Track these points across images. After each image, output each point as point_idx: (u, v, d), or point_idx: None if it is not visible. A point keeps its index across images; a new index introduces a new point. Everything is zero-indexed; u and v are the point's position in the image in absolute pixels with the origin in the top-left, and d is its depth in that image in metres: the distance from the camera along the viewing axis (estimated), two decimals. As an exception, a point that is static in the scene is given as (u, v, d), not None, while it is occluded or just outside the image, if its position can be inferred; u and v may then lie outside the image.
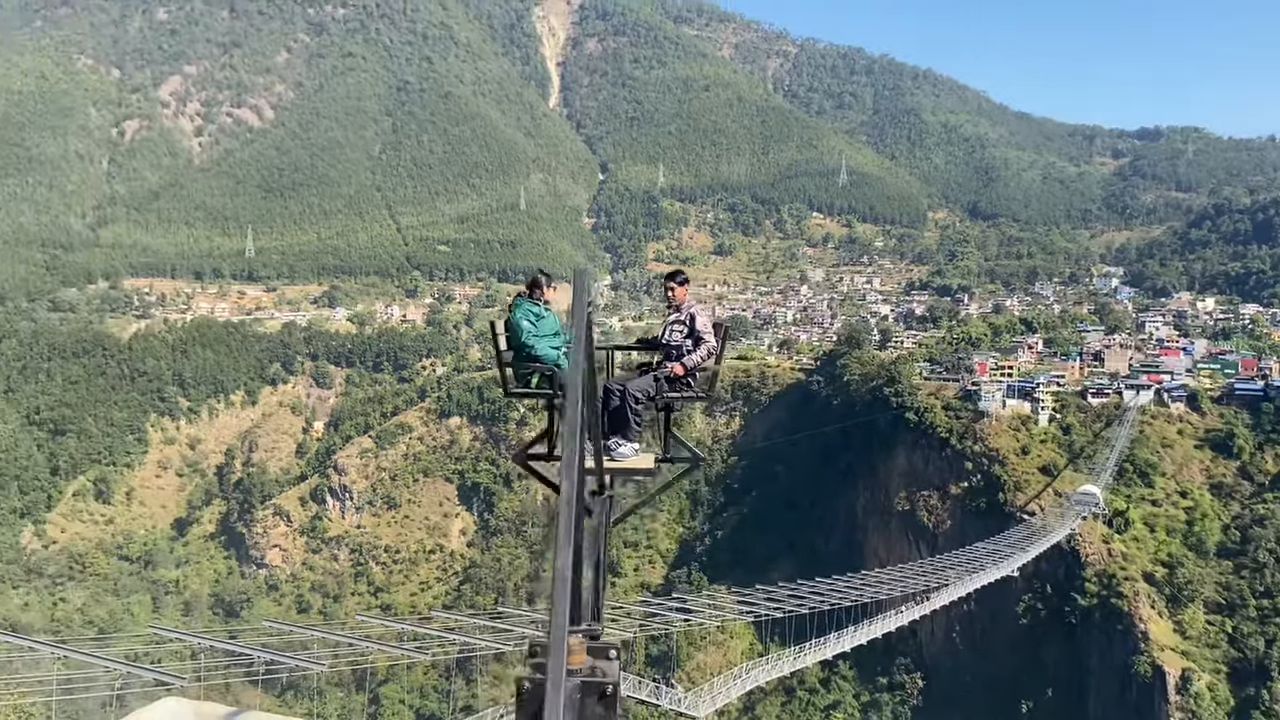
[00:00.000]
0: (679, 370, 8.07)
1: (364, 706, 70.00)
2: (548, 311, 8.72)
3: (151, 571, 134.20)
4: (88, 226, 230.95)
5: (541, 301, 8.78)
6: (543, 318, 8.62)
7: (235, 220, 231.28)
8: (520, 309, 8.64)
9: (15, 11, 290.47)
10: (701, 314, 8.51)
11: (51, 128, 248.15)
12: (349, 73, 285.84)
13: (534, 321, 8.55)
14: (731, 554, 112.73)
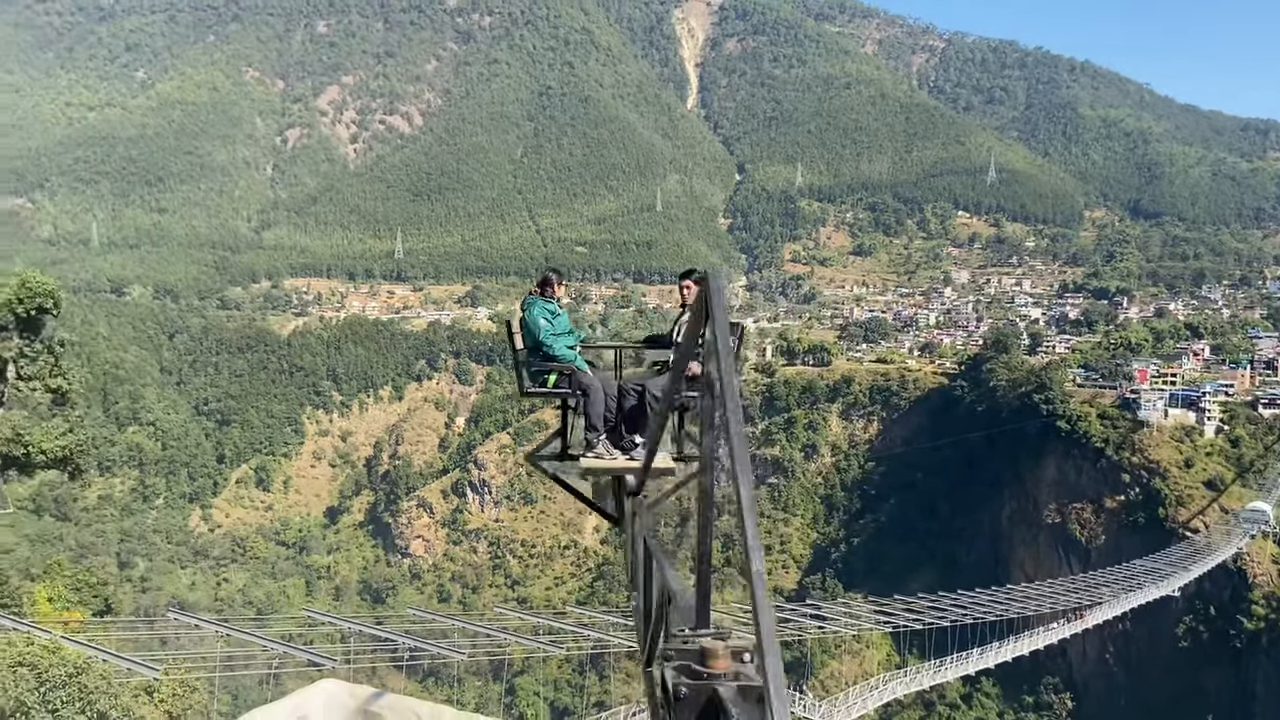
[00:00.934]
0: (698, 370, 7.80)
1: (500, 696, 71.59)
2: (561, 310, 8.62)
3: (305, 557, 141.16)
4: (252, 230, 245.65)
5: (554, 299, 8.60)
6: (558, 315, 8.49)
7: (386, 223, 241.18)
8: (536, 307, 8.42)
9: (190, 28, 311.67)
10: None
11: (222, 137, 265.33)
12: (494, 79, 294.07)
13: (550, 320, 8.37)
14: (868, 561, 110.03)
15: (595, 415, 7.89)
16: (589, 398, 7.91)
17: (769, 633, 2.85)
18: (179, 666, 30.64)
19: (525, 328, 8.25)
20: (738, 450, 3.36)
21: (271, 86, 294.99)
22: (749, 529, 3.06)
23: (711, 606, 4.05)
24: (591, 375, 8.22)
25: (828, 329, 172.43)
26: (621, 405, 8.01)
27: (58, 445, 36.78)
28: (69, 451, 37.82)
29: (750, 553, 3.02)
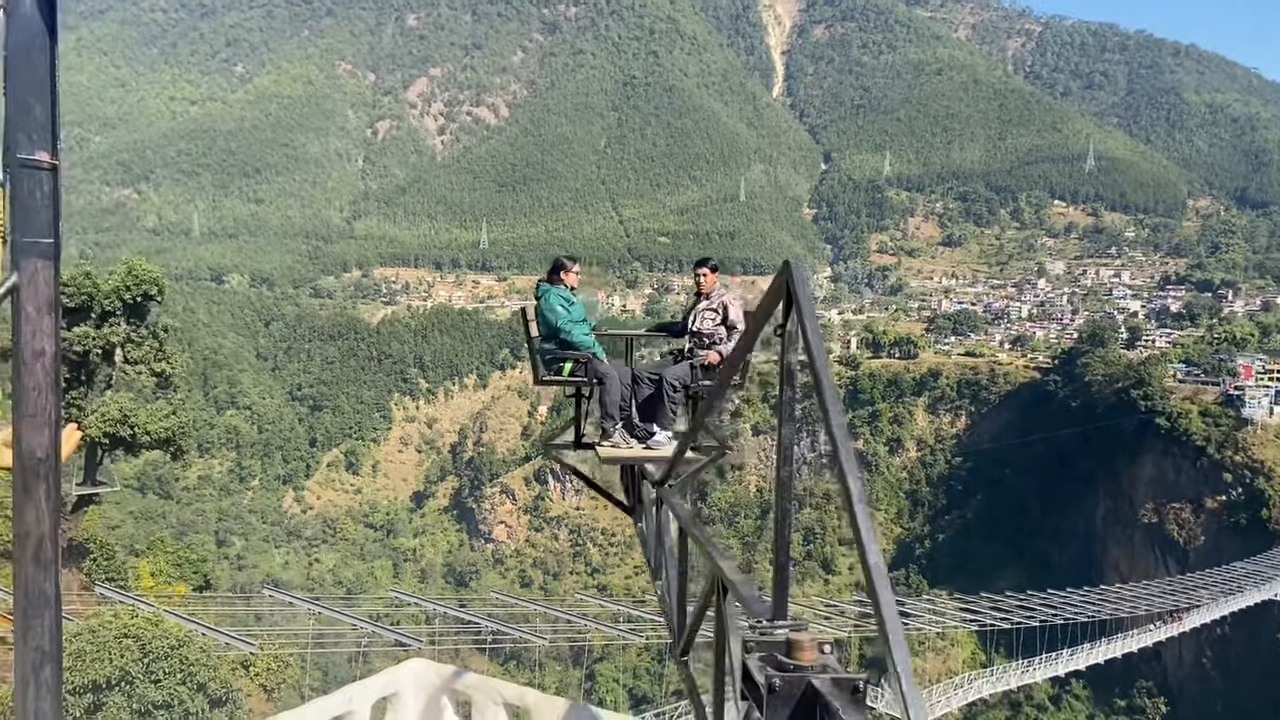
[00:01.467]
0: (715, 359, 8.01)
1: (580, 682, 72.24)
2: (576, 298, 8.41)
3: (392, 539, 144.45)
4: (344, 220, 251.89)
5: (568, 287, 8.37)
6: (573, 303, 8.28)
7: (471, 213, 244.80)
8: (552, 295, 8.20)
9: (286, 22, 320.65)
10: (734, 303, 8.38)
11: (315, 129, 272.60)
12: (579, 69, 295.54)
13: (566, 307, 8.16)
14: (954, 558, 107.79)
15: (611, 404, 7.72)
16: (605, 386, 7.74)
17: (895, 627, 2.74)
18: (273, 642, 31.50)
19: (541, 315, 8.09)
20: (841, 443, 3.23)
21: (363, 79, 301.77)
22: (862, 522, 2.97)
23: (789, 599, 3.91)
24: (608, 363, 8.04)
25: (914, 321, 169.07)
26: (636, 394, 7.89)
27: (162, 427, 38.12)
28: (172, 433, 39.18)
29: (865, 546, 2.92)
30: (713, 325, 8.15)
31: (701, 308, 8.31)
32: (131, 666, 21.38)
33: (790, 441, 3.84)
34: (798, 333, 3.77)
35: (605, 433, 7.68)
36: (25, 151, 6.73)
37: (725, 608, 4.40)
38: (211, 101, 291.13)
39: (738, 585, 4.33)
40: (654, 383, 7.87)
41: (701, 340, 8.13)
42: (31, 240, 6.87)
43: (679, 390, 7.83)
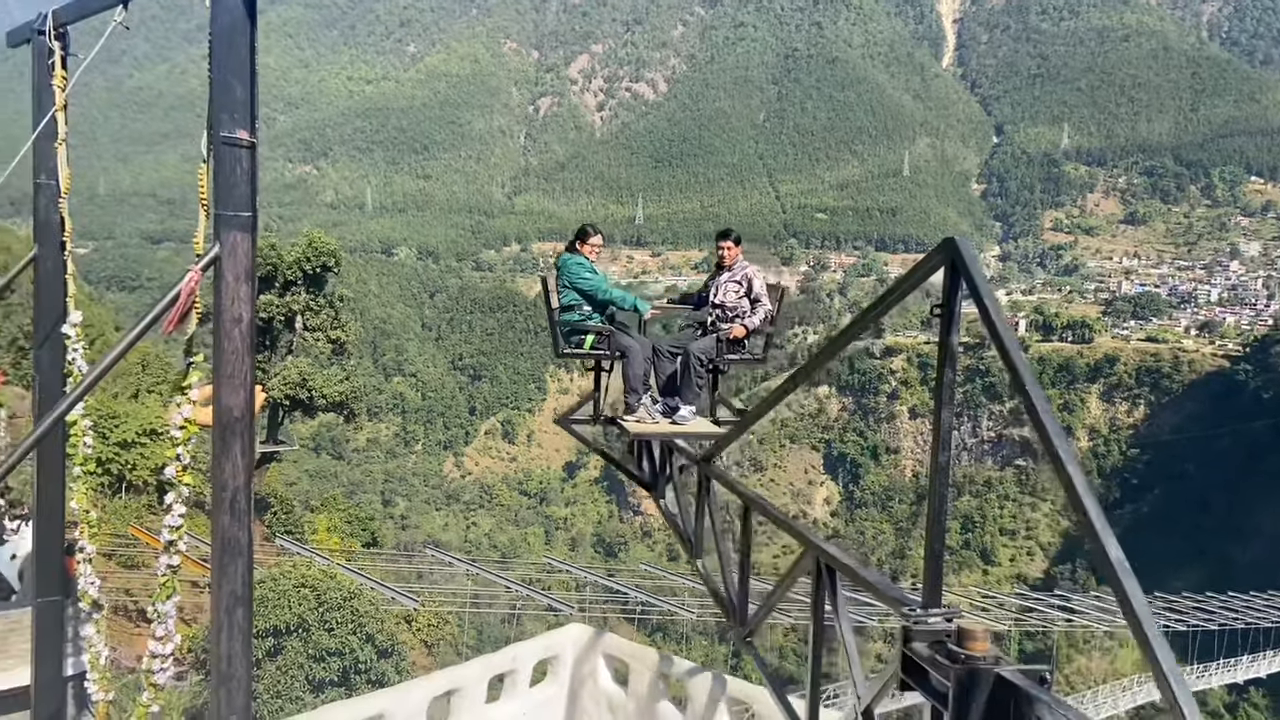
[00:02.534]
0: (740, 332, 7.70)
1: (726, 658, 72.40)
2: (597, 270, 8.07)
3: (545, 507, 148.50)
4: (505, 195, 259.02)
5: (587, 257, 8.02)
6: (595, 272, 7.96)
7: (628, 189, 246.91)
8: (574, 263, 7.87)
9: (456, 2, 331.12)
10: (758, 276, 8.10)
11: (481, 106, 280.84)
12: (739, 43, 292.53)
13: (592, 275, 7.85)
14: (1126, 554, 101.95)
15: (635, 378, 7.46)
16: (628, 359, 7.48)
17: (1149, 622, 2.70)
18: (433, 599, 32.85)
19: (564, 285, 7.77)
20: (1053, 431, 3.05)
21: (527, 57, 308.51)
22: (1092, 513, 2.82)
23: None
24: (631, 336, 7.76)
25: (1090, 304, 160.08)
26: (657, 368, 7.64)
27: (337, 390, 40.30)
28: (345, 397, 41.38)
29: (1102, 539, 2.81)
30: (736, 298, 7.90)
31: (724, 280, 8.03)
32: (308, 614, 22.85)
33: (949, 426, 3.68)
34: (957, 313, 3.60)
35: (629, 407, 7.43)
36: (227, 130, 7.17)
37: (838, 591, 4.36)
38: (385, 81, 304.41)
39: (855, 567, 4.22)
40: (674, 356, 7.66)
41: (724, 313, 7.88)
42: (232, 214, 7.33)
43: (705, 364, 7.62)
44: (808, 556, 4.54)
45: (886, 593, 4.07)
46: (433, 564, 42.93)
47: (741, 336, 7.69)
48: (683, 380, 7.47)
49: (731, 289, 7.87)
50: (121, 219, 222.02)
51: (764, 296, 7.88)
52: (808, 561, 4.59)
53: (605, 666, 7.18)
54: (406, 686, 6.55)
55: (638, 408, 7.36)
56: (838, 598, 4.40)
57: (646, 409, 7.37)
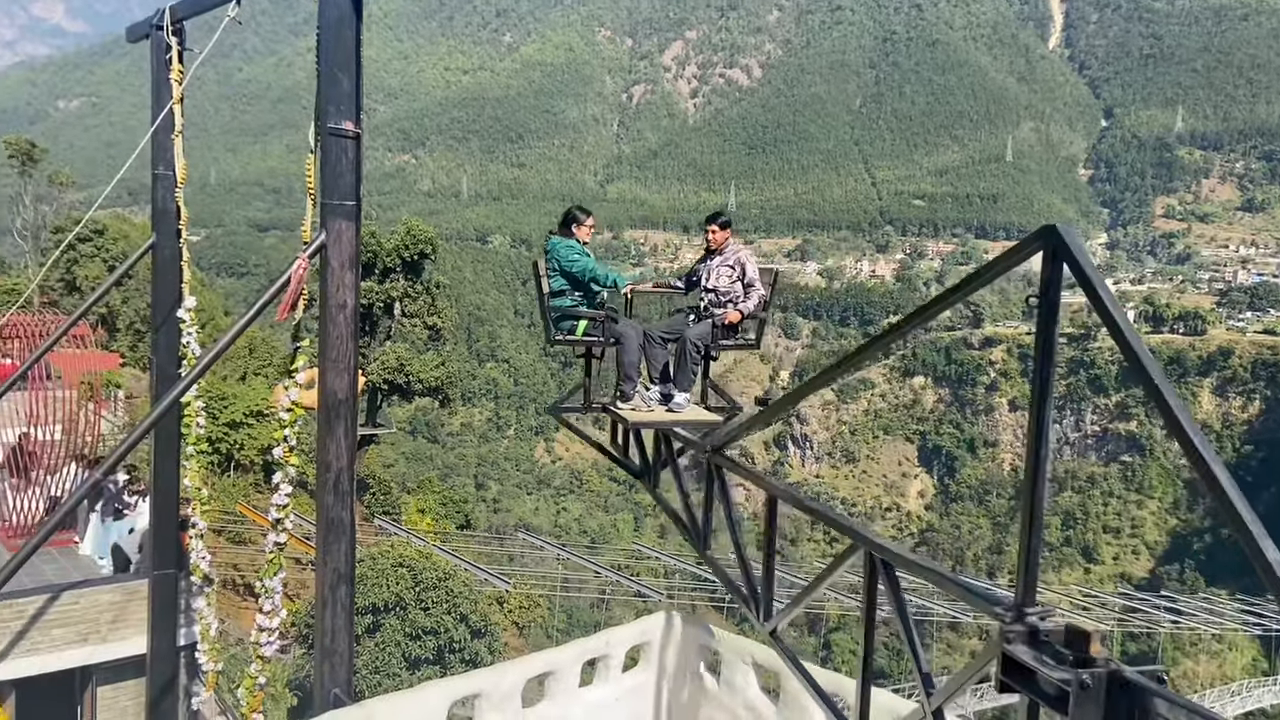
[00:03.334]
0: (736, 317, 7.45)
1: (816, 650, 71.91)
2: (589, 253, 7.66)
3: (634, 494, 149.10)
4: (598, 183, 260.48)
5: (580, 242, 7.61)
6: (588, 255, 7.57)
7: (720, 176, 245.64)
8: (563, 246, 7.45)
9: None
10: (750, 260, 7.77)
11: (575, 95, 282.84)
12: (835, 26, 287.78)
13: (583, 257, 7.44)
14: (1238, 556, 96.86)
15: (630, 365, 7.17)
16: (623, 345, 7.18)
17: None
18: (524, 582, 33.37)
19: (555, 269, 7.36)
20: (1189, 428, 2.88)
21: (621, 45, 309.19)
22: (1243, 512, 2.68)
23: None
24: (626, 322, 7.49)
25: (1204, 294, 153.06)
26: (649, 354, 7.37)
27: (433, 375, 41.18)
28: (441, 381, 42.27)
29: (1257, 540, 2.66)
30: (729, 282, 7.62)
31: (715, 264, 7.73)
32: (405, 593, 23.47)
33: (1047, 419, 3.52)
34: (1057, 303, 3.45)
35: (624, 395, 7.17)
36: (333, 121, 7.38)
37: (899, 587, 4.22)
38: (481, 71, 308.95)
39: (933, 567, 4.08)
40: (666, 342, 7.40)
41: (718, 298, 7.61)
42: (337, 202, 7.54)
43: (702, 350, 7.36)
44: (857, 552, 4.41)
45: (973, 590, 3.94)
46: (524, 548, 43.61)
47: (736, 321, 7.48)
48: (678, 366, 7.26)
49: (724, 273, 7.62)
50: (231, 207, 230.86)
51: (757, 281, 7.65)
52: (855, 556, 4.47)
53: (698, 655, 7.18)
54: (502, 668, 6.65)
55: (633, 395, 7.17)
56: (898, 594, 4.28)
57: (642, 397, 7.19)
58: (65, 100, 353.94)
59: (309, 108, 7.66)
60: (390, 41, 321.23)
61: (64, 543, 15.65)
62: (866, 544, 4.35)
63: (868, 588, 4.33)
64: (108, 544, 14.82)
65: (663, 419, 6.98)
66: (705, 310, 7.55)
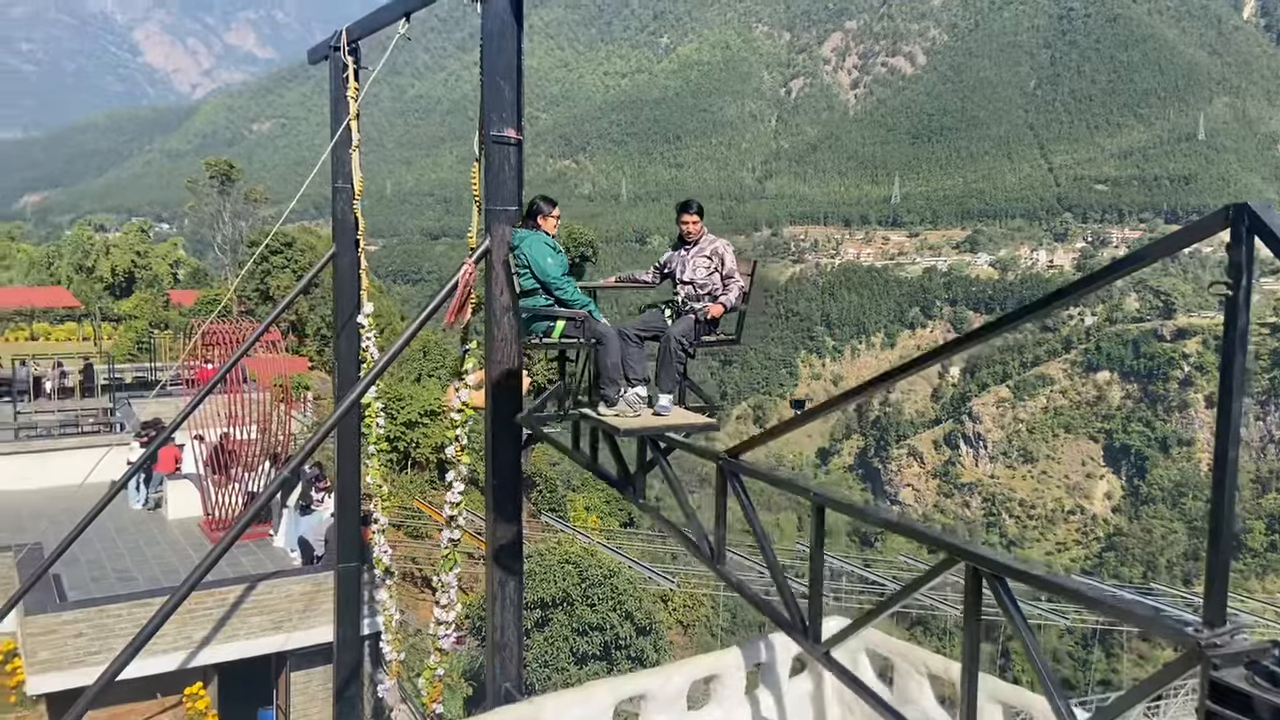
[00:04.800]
0: (719, 311, 6.94)
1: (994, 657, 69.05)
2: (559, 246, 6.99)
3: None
4: (756, 179, 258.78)
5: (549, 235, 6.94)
6: (559, 251, 6.92)
7: (883, 167, 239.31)
8: (533, 241, 6.78)
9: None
10: (729, 250, 7.23)
11: (732, 92, 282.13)
12: (1006, 7, 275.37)
13: (556, 257, 6.80)
14: None
15: (614, 367, 6.55)
16: (605, 347, 6.59)
17: None
18: (688, 581, 33.44)
19: (524, 268, 6.74)
20: None
21: (778, 39, 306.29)
22: None
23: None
24: (606, 322, 6.89)
25: None
26: (625, 355, 6.73)
27: (596, 375, 41.89)
28: (604, 381, 42.89)
29: None
30: (706, 274, 7.06)
31: (691, 255, 7.16)
32: (571, 589, 23.96)
33: (1238, 417, 3.20)
34: (1248, 289, 3.08)
35: (606, 399, 6.56)
36: (496, 129, 7.59)
37: (1013, 601, 3.85)
38: (639, 74, 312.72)
39: (1035, 578, 3.71)
40: (643, 340, 6.83)
41: (695, 291, 7.04)
42: (500, 208, 7.74)
43: (686, 348, 6.82)
44: (956, 565, 4.01)
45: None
46: (687, 545, 43.62)
47: (719, 316, 7.01)
48: (661, 366, 6.72)
49: (701, 265, 7.09)
50: (405, 217, 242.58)
51: (737, 273, 7.17)
52: (949, 570, 4.08)
53: (867, 661, 6.95)
54: (668, 669, 6.63)
55: (618, 400, 6.54)
56: (1015, 608, 3.89)
57: (627, 401, 6.56)
58: (258, 123, 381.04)
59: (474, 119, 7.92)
60: (551, 50, 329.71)
61: (260, 535, 16.78)
62: (967, 556, 4.00)
63: (969, 603, 3.97)
64: (296, 537, 15.78)
65: (651, 424, 6.45)
66: (684, 304, 7.01)
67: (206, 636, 13.27)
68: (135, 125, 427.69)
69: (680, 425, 6.58)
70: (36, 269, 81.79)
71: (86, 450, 20.94)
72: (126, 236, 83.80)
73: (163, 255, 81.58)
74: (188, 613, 12.74)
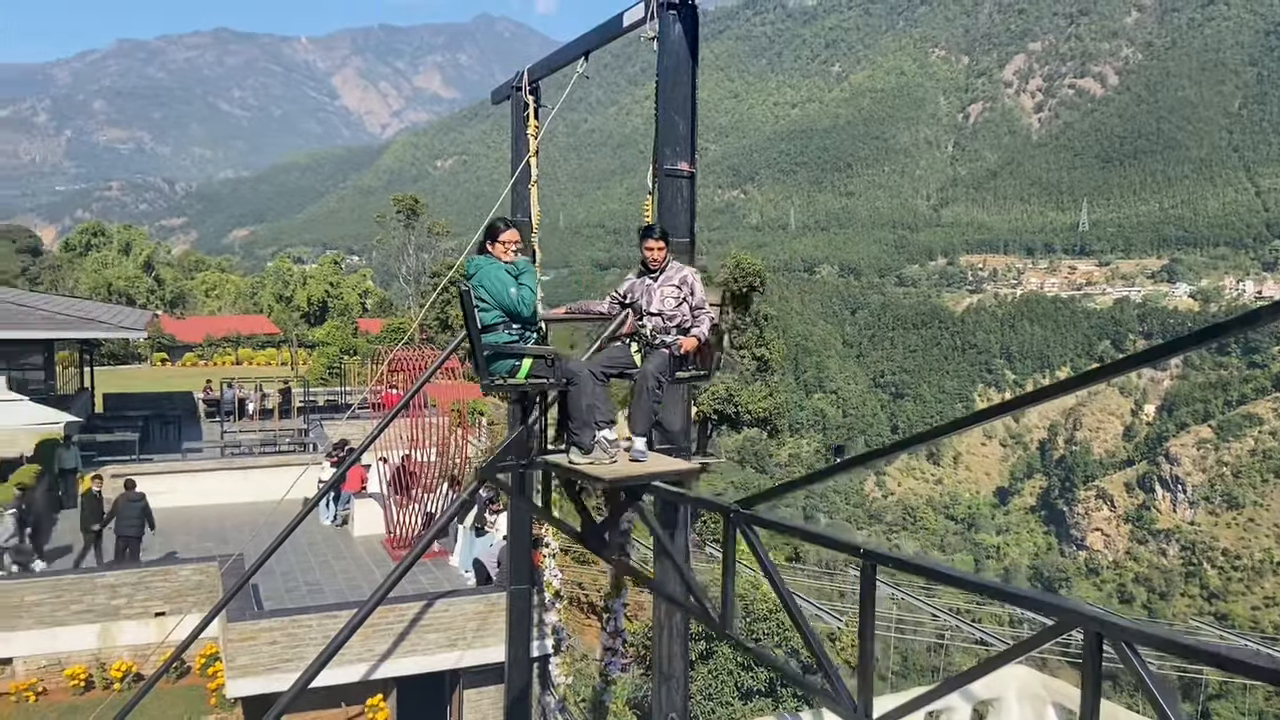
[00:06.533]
0: (692, 345, 6.34)
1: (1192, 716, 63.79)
2: (523, 269, 6.09)
3: (973, 534, 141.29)
4: (931, 208, 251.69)
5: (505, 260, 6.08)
6: (521, 275, 6.02)
7: (1070, 193, 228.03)
8: (488, 269, 5.94)
9: (882, 18, 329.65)
10: (698, 279, 6.58)
11: (906, 119, 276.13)
12: (1207, 24, 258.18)
13: (516, 284, 5.98)
14: None
15: (589, 409, 5.89)
16: (578, 388, 5.94)
17: None
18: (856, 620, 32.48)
19: (484, 302, 5.94)
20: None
21: (956, 64, 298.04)
22: None
23: None
24: (577, 360, 6.23)
25: None
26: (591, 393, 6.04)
27: (761, 406, 41.68)
28: (769, 413, 42.66)
29: None
30: (675, 305, 6.41)
31: (657, 285, 6.47)
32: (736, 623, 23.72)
33: None
34: None
35: (580, 446, 5.89)
36: (670, 163, 7.69)
37: (1144, 666, 3.26)
38: (810, 103, 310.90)
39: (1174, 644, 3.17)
40: (607, 378, 6.19)
41: (664, 323, 6.40)
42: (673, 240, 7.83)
43: (662, 387, 6.19)
44: (1068, 630, 3.46)
45: None
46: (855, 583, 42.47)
47: (691, 350, 6.42)
48: (636, 406, 6.13)
49: (670, 294, 6.45)
50: (576, 248, 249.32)
51: (707, 303, 6.59)
52: (1060, 635, 3.54)
53: (1056, 716, 6.54)
54: (835, 713, 6.43)
55: (592, 446, 5.87)
56: (1148, 675, 3.32)
57: (603, 447, 5.89)
58: (441, 159, 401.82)
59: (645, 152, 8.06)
60: (721, 82, 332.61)
61: (438, 554, 17.47)
62: (1082, 621, 3.43)
63: (1088, 668, 3.45)
64: (470, 558, 16.34)
65: (634, 472, 5.84)
66: (653, 337, 6.37)
67: (387, 650, 13.90)
68: (331, 164, 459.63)
69: (666, 472, 5.95)
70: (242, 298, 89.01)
71: (283, 468, 22.46)
72: (321, 268, 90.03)
73: (353, 285, 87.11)
74: (370, 626, 13.39)
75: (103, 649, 15.55)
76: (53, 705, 14.83)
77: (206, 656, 15.52)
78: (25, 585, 15.51)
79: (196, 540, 19.14)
